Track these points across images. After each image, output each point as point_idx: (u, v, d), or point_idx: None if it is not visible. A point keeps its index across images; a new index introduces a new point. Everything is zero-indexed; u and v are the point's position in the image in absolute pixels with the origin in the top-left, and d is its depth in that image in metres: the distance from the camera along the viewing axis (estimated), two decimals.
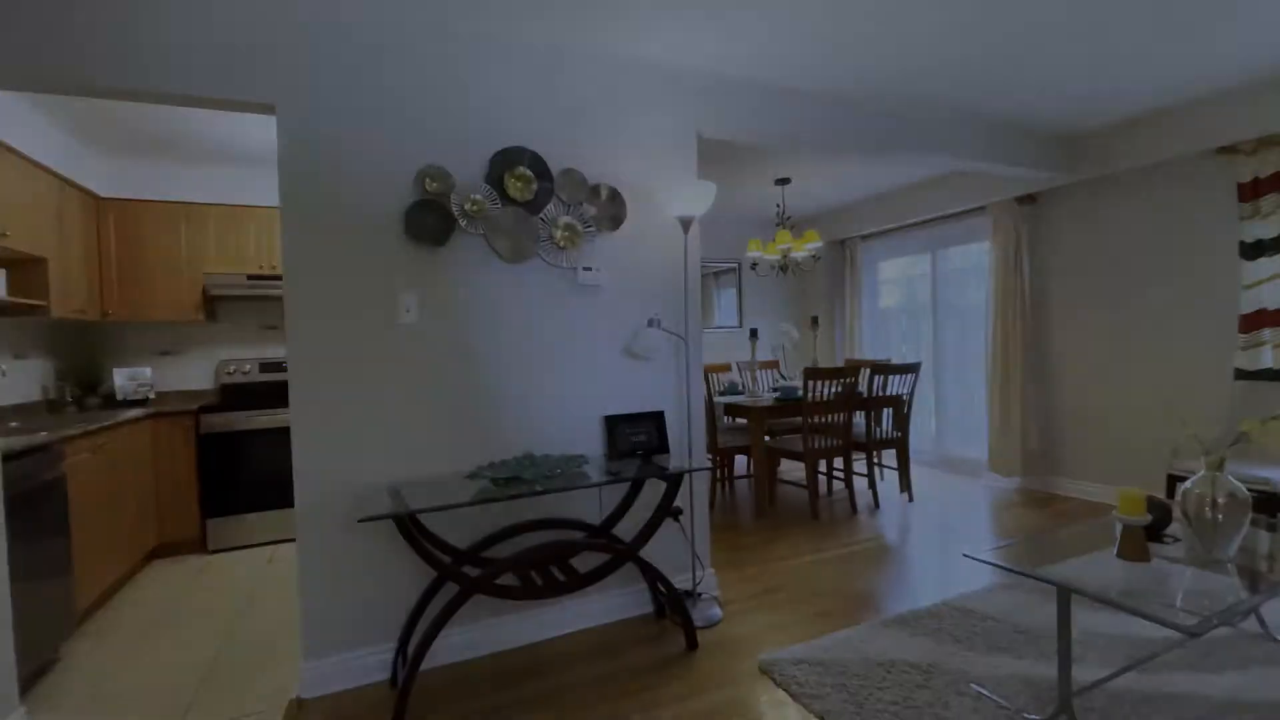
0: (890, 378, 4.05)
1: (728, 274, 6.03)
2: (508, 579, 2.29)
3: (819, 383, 3.70)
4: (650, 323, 2.54)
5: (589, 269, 2.45)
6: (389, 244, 2.14)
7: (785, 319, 6.36)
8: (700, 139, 2.73)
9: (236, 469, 3.53)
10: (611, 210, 2.49)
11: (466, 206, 2.22)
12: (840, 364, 5.87)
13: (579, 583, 2.08)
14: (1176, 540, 1.95)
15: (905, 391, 4.15)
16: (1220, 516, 1.75)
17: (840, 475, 4.61)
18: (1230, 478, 1.76)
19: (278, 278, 3.83)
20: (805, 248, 4.48)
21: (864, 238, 5.71)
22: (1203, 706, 1.77)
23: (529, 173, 2.32)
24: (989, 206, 4.41)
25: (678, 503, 2.63)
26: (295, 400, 2.02)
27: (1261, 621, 2.18)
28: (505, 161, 2.29)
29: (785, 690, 1.96)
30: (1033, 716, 1.75)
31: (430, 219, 2.17)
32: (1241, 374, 3.22)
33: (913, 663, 2.06)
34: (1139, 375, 3.76)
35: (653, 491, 2.56)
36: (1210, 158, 3.38)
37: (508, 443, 2.33)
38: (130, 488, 3.09)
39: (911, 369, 4.10)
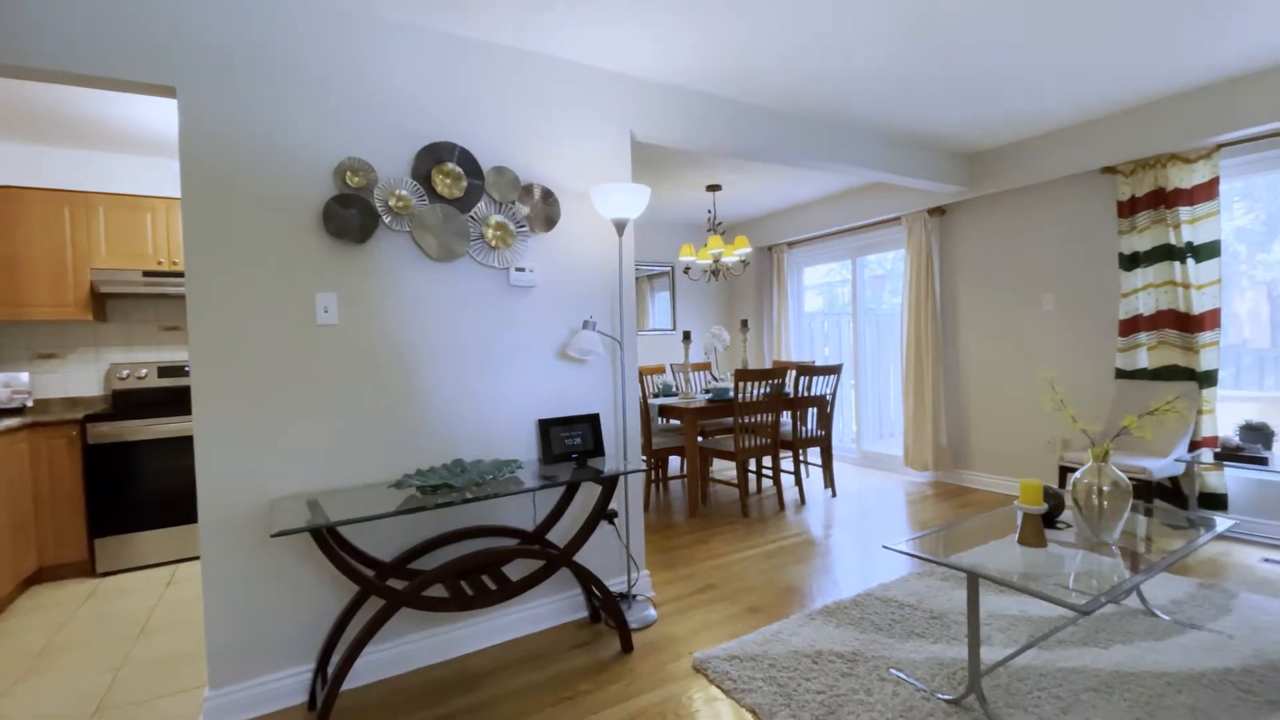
0: (814, 379, 4.21)
1: (661, 277, 6.10)
2: (436, 591, 2.21)
3: (749, 384, 3.79)
4: (585, 324, 2.53)
5: (522, 269, 2.41)
6: (306, 240, 2.02)
7: (717, 322, 6.50)
8: (634, 142, 2.75)
9: (130, 483, 3.23)
10: (545, 210, 2.46)
11: (391, 202, 2.13)
12: (769, 365, 6.05)
13: (512, 591, 2.03)
14: (1069, 526, 2.13)
15: (828, 392, 4.33)
16: (1105, 504, 1.92)
17: (769, 473, 4.76)
18: (1114, 468, 1.94)
19: (179, 274, 3.54)
20: (735, 253, 4.59)
21: (790, 245, 5.91)
22: (1093, 679, 1.94)
23: (458, 169, 2.26)
24: (903, 217, 4.68)
25: (613, 505, 2.63)
26: (199, 407, 1.87)
27: (1142, 598, 2.42)
28: (433, 157, 2.22)
29: (718, 687, 1.99)
30: (945, 696, 1.86)
31: (351, 214, 2.07)
32: (1121, 373, 3.57)
33: (838, 652, 2.15)
34: (1036, 374, 4.09)
35: (588, 495, 2.55)
36: (1095, 177, 3.73)
37: (436, 449, 2.25)
38: (3, 506, 2.76)
39: (834, 370, 4.28)
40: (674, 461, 5.56)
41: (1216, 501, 3.27)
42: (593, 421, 2.54)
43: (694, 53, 2.52)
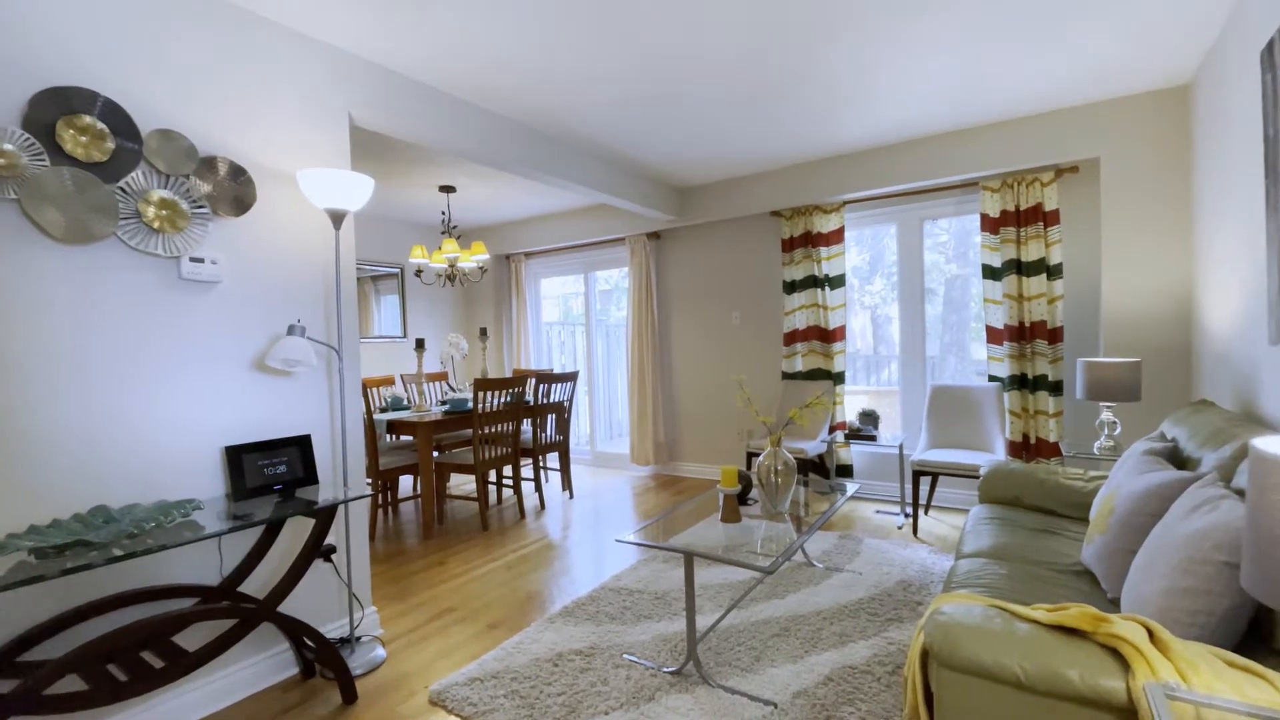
0: (553, 386, 4.34)
1: (389, 279, 5.60)
2: (73, 683, 1.65)
3: (489, 393, 3.72)
4: (292, 330, 2.17)
5: (200, 260, 1.96)
6: None
7: (454, 329, 6.23)
8: (355, 127, 2.47)
9: None
10: (234, 190, 2.04)
11: None
12: (509, 374, 6.03)
13: (189, 664, 1.63)
14: (756, 501, 2.57)
15: (566, 398, 4.50)
16: (779, 480, 2.37)
17: (510, 483, 4.73)
18: (784, 451, 2.42)
19: None
20: (473, 259, 4.47)
21: (528, 255, 6.00)
22: (776, 626, 2.37)
23: (102, 126, 1.74)
24: (627, 239, 5.14)
25: (330, 539, 2.31)
26: None
27: (805, 553, 3.04)
28: (60, 104, 1.67)
29: (459, 716, 1.89)
30: (670, 669, 2.08)
31: None
32: (786, 375, 4.48)
33: (577, 649, 2.23)
34: (729, 377, 4.88)
35: (298, 532, 2.19)
36: (767, 218, 4.62)
37: (68, 495, 1.68)
38: None
39: (570, 378, 4.46)
40: (406, 481, 5.14)
41: (847, 471, 4.31)
42: (302, 444, 2.20)
43: (412, 39, 2.37)
